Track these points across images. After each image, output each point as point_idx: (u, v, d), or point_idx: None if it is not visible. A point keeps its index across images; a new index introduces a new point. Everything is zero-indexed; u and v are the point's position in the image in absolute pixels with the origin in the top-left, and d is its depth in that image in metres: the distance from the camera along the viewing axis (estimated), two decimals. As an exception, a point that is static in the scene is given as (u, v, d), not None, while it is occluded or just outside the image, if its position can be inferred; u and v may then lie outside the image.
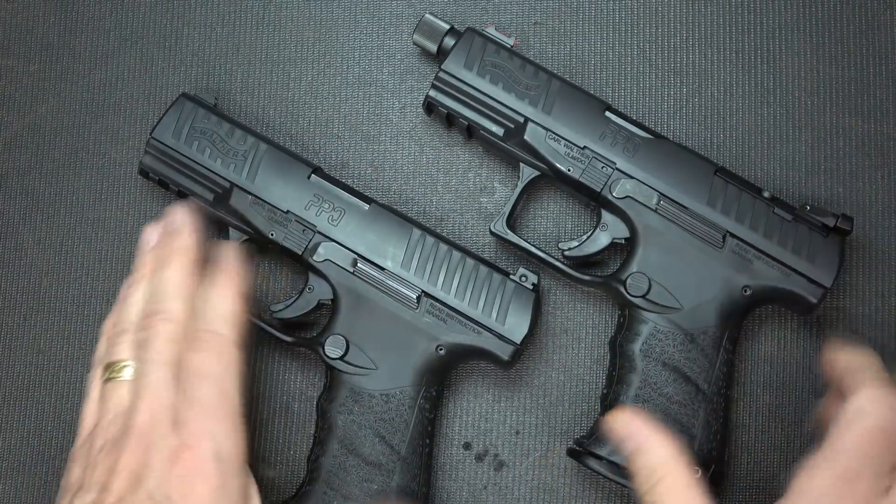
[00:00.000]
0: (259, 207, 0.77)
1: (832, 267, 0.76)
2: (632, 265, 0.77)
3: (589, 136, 0.78)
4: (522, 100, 0.78)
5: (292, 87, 0.84)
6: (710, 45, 0.84)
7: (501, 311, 0.77)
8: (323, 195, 0.78)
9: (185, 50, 0.85)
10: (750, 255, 0.76)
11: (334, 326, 0.77)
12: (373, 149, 0.84)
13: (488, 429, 0.81)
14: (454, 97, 0.78)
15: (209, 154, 0.78)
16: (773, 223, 0.76)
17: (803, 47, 0.83)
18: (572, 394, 0.81)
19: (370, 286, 0.76)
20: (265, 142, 0.78)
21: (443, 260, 0.77)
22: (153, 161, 0.78)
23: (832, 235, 0.76)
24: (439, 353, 0.76)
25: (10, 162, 0.84)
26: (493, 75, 0.78)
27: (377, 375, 0.76)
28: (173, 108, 0.78)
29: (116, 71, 0.85)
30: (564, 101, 0.78)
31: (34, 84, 0.85)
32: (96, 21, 0.85)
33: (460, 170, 0.83)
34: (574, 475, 0.81)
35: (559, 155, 0.78)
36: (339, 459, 0.75)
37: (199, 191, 0.78)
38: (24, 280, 0.83)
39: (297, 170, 0.78)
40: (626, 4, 0.84)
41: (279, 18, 0.85)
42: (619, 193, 0.77)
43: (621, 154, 0.77)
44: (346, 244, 0.77)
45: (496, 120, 0.78)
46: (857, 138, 0.82)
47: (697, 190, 0.77)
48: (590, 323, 0.82)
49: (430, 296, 0.76)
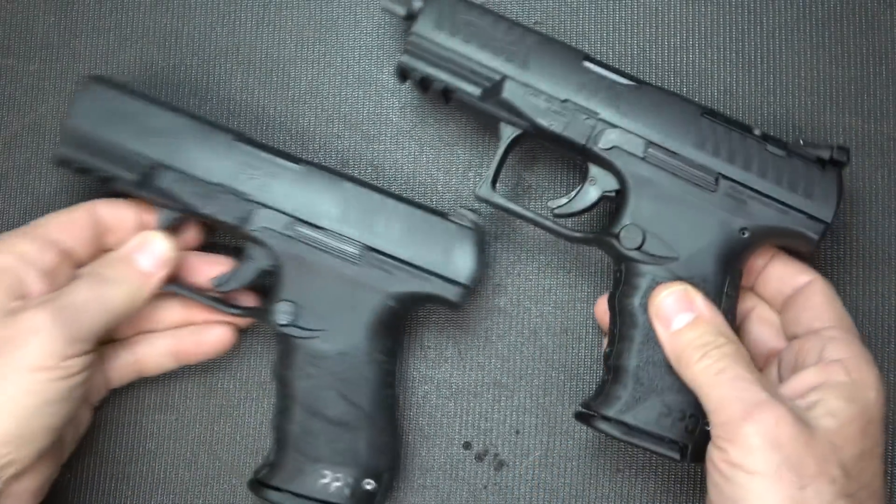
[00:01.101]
0: (187, 183, 0.75)
1: (831, 201, 0.73)
2: (624, 217, 0.74)
3: (569, 87, 0.75)
4: (498, 57, 0.75)
5: (292, 87, 0.84)
6: (710, 45, 0.84)
7: (444, 253, 0.75)
8: (251, 161, 0.75)
9: (185, 50, 0.85)
10: (745, 196, 0.74)
11: (280, 292, 0.75)
12: (373, 148, 0.84)
13: (488, 429, 0.81)
14: (427, 60, 0.75)
15: (127, 135, 0.75)
16: (767, 160, 0.74)
17: (803, 47, 0.83)
18: (572, 394, 0.81)
19: (310, 247, 0.75)
20: (184, 115, 0.76)
21: (379, 210, 0.76)
22: (71, 149, 0.75)
23: (829, 168, 0.74)
24: (389, 305, 0.75)
25: (10, 161, 0.84)
26: (467, 34, 0.75)
27: (330, 336, 0.75)
28: (83, 93, 0.75)
29: (116, 71, 0.85)
30: (541, 54, 0.75)
31: (34, 84, 0.85)
32: (96, 21, 0.85)
33: (460, 169, 0.83)
34: (574, 475, 0.81)
35: (539, 110, 0.75)
36: (304, 424, 0.75)
37: (123, 174, 0.75)
38: (25, 280, 0.83)
39: (220, 138, 0.76)
40: (626, 4, 0.84)
41: (279, 18, 0.85)
42: (604, 144, 0.74)
43: (604, 103, 0.74)
44: (280, 208, 0.75)
45: (472, 80, 0.75)
46: (857, 138, 0.82)
47: (685, 133, 0.74)
48: (590, 323, 0.82)
49: (372, 248, 0.75)
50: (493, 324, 0.82)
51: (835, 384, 0.69)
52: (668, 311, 0.71)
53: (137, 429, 0.82)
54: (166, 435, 0.82)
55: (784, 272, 0.76)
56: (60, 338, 0.69)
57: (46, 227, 0.75)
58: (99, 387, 0.79)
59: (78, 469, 0.81)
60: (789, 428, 0.65)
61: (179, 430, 0.82)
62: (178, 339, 0.79)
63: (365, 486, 0.75)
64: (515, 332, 0.82)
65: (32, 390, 0.68)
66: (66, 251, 0.75)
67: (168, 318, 0.79)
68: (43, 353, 0.69)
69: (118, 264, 0.74)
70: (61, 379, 0.69)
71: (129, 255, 0.75)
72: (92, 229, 0.76)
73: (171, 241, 0.75)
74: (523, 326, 0.82)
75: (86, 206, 0.77)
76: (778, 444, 0.65)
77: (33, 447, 0.69)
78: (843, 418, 0.67)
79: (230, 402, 0.82)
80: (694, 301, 0.71)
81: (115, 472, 0.82)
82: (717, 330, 0.70)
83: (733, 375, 0.68)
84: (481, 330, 0.82)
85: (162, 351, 0.79)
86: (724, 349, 0.69)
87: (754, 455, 0.65)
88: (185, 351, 0.79)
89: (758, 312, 0.77)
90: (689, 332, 0.70)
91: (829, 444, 0.66)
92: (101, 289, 0.72)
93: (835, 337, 0.72)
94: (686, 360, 0.70)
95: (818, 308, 0.74)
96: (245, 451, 0.82)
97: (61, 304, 0.70)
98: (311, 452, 0.75)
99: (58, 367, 0.69)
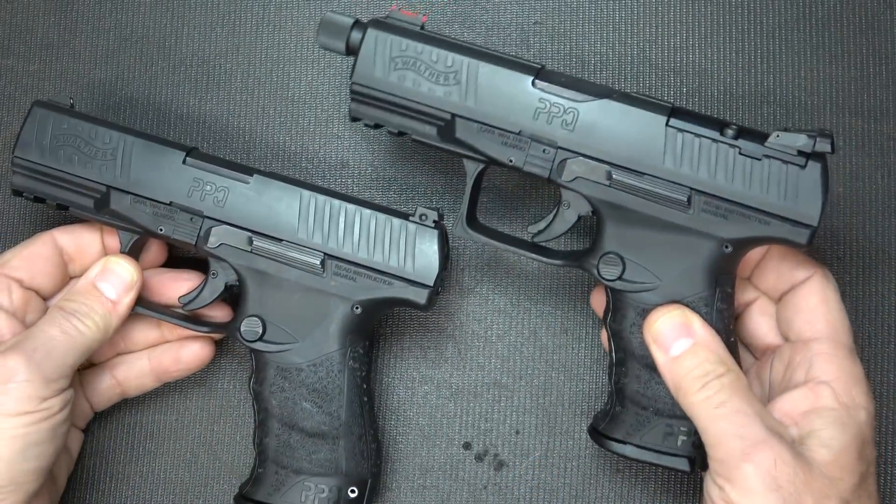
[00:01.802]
0: (141, 205, 0.74)
1: (815, 202, 0.68)
2: (601, 244, 0.71)
3: (522, 117, 0.71)
4: (444, 94, 0.71)
5: (292, 87, 0.84)
6: (710, 45, 0.84)
7: (408, 255, 0.74)
8: (203, 178, 0.74)
9: (185, 50, 0.85)
10: (722, 210, 0.69)
11: (246, 308, 0.75)
12: (373, 149, 0.84)
13: (488, 429, 0.81)
14: (374, 105, 0.72)
15: (77, 160, 0.74)
16: (741, 167, 0.69)
17: (803, 47, 0.83)
18: (572, 394, 0.81)
19: (271, 261, 0.74)
20: (132, 134, 0.75)
21: (338, 217, 0.74)
22: (23, 180, 0.75)
23: (811, 163, 0.68)
24: (356, 312, 0.74)
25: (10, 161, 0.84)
26: (407, 71, 0.71)
27: (300, 348, 0.74)
28: (29, 121, 0.75)
29: (116, 71, 0.85)
30: (487, 82, 0.71)
31: (34, 84, 0.85)
32: (96, 21, 0.85)
33: (461, 169, 0.83)
34: (574, 475, 0.81)
35: (496, 146, 0.71)
36: (282, 438, 0.74)
37: (77, 200, 0.75)
38: (25, 280, 0.83)
39: (170, 157, 0.75)
40: (626, 4, 0.84)
41: (279, 18, 0.85)
42: (567, 176, 0.71)
43: (560, 129, 0.70)
44: (236, 223, 0.74)
45: (424, 120, 0.72)
46: (857, 138, 0.82)
47: (651, 150, 0.69)
48: (590, 323, 0.82)
49: (334, 256, 0.74)
50: (492, 324, 0.82)
51: (825, 410, 0.68)
52: (666, 338, 0.69)
53: (137, 429, 0.82)
54: (166, 435, 0.82)
55: (782, 267, 0.74)
56: (36, 380, 0.68)
57: (8, 265, 0.75)
58: (84, 411, 0.78)
59: (78, 469, 0.81)
60: (788, 468, 0.65)
61: (179, 430, 0.82)
62: (155, 359, 0.78)
63: (349, 495, 0.74)
64: (515, 332, 0.82)
65: (14, 436, 0.68)
66: (32, 287, 0.75)
67: (143, 339, 0.79)
68: (20, 398, 0.68)
69: (83, 296, 0.73)
70: (43, 420, 0.69)
71: (92, 284, 0.74)
72: (54, 260, 0.76)
73: (134, 264, 0.75)
74: (523, 326, 0.82)
75: (44, 238, 0.76)
76: (777, 485, 0.64)
77: (23, 491, 0.69)
78: (838, 448, 0.67)
79: (230, 403, 0.82)
80: (692, 325, 0.69)
81: (115, 472, 0.82)
82: (717, 357, 0.69)
83: (733, 409, 0.66)
84: (481, 330, 0.82)
85: (141, 371, 0.78)
86: (723, 379, 0.68)
87: (753, 497, 0.64)
88: (163, 369, 0.78)
89: (759, 305, 0.76)
90: (688, 359, 0.69)
91: (827, 479, 0.65)
92: (68, 324, 0.72)
93: (823, 352, 0.70)
94: (685, 389, 0.68)
95: (811, 312, 0.72)
96: (245, 451, 0.82)
97: (32, 346, 0.70)
98: (292, 465, 0.74)
99: (38, 410, 0.68)
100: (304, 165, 0.83)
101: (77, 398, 0.76)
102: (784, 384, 0.72)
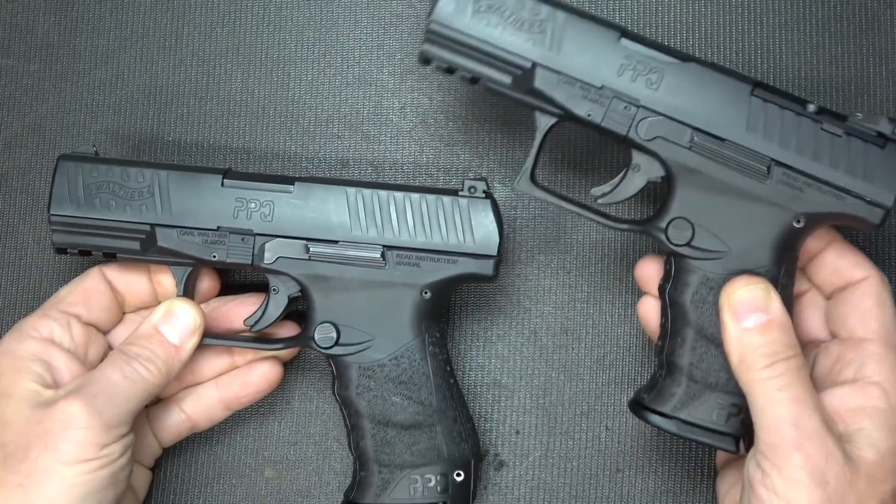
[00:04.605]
0: (188, 236, 0.74)
1: (892, 183, 0.69)
2: (671, 209, 0.71)
3: (606, 72, 0.70)
4: (527, 42, 0.70)
5: (292, 87, 0.84)
6: (710, 45, 0.84)
7: (466, 230, 0.74)
8: (245, 196, 0.74)
9: (185, 50, 0.85)
10: (800, 183, 0.69)
11: (315, 316, 0.75)
12: (373, 149, 0.84)
13: (488, 429, 0.81)
14: (450, 48, 0.70)
15: (115, 205, 0.74)
16: (823, 142, 0.69)
17: (803, 47, 0.83)
18: (572, 394, 0.81)
19: (332, 264, 0.74)
20: (164, 168, 0.75)
21: (388, 207, 0.74)
22: (64, 237, 0.74)
23: (890, 146, 0.69)
24: (425, 297, 0.74)
25: (10, 162, 0.84)
26: (490, 17, 0.70)
27: (378, 344, 0.74)
28: (58, 176, 0.74)
29: (116, 71, 0.85)
30: (573, 35, 0.70)
31: (34, 84, 0.85)
32: (96, 21, 0.85)
33: (460, 169, 0.83)
34: (574, 475, 0.81)
35: (575, 99, 0.70)
36: (378, 437, 0.74)
37: (123, 245, 0.74)
38: (24, 280, 0.83)
39: (208, 182, 0.74)
40: (626, 4, 0.84)
41: (279, 18, 0.85)
42: (646, 135, 0.70)
43: (644, 88, 0.70)
44: (289, 234, 0.74)
45: (501, 68, 0.70)
46: (857, 138, 0.82)
47: (734, 117, 0.69)
48: (590, 323, 0.82)
49: (393, 246, 0.74)
50: (492, 324, 0.82)
51: (875, 410, 0.67)
52: (743, 307, 0.68)
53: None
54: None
55: (840, 263, 0.73)
56: (97, 427, 0.67)
57: (64, 301, 0.74)
58: (152, 449, 0.78)
59: None
60: (837, 466, 0.64)
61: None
62: (224, 387, 0.77)
63: (456, 479, 0.74)
64: (515, 332, 0.82)
65: (75, 483, 0.67)
66: (91, 322, 0.74)
67: (211, 369, 0.78)
68: (81, 445, 0.67)
69: (146, 340, 0.72)
70: (103, 467, 0.68)
71: (155, 328, 0.73)
72: (108, 294, 0.75)
73: (197, 308, 0.74)
74: (523, 326, 0.82)
75: (95, 273, 0.75)
76: (824, 481, 0.64)
77: None
78: (884, 450, 0.66)
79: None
80: (772, 302, 0.68)
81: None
82: (789, 340, 0.67)
83: (794, 396, 0.66)
84: (481, 330, 0.82)
85: (210, 402, 0.77)
86: (790, 363, 0.67)
87: (798, 490, 0.64)
88: (233, 396, 0.77)
89: (810, 297, 0.75)
90: (760, 335, 0.67)
91: (870, 479, 0.65)
92: (130, 368, 0.71)
93: (876, 353, 0.69)
94: (749, 363, 0.67)
95: (866, 312, 0.71)
96: (246, 451, 0.82)
97: (94, 391, 0.69)
98: (394, 461, 0.74)
99: (98, 458, 0.67)
100: (304, 165, 0.83)
101: (144, 436, 0.76)
102: (830, 379, 0.71)
